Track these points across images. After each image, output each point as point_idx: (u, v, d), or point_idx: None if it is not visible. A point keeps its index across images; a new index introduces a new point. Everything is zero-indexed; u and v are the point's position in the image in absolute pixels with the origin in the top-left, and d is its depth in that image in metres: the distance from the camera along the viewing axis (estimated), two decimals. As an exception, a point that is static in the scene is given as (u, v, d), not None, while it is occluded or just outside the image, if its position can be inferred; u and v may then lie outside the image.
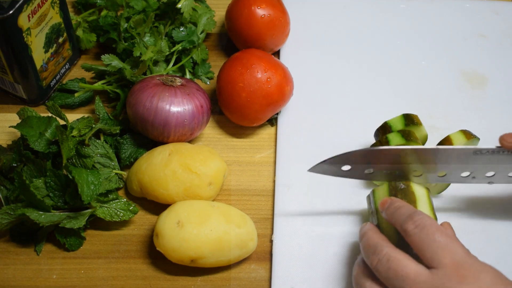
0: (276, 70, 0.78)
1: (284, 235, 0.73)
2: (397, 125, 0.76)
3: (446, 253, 0.57)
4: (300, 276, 0.70)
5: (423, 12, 0.94)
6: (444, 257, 0.57)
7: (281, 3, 0.85)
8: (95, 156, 0.74)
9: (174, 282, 0.71)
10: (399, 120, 0.77)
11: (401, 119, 0.76)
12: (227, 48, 0.91)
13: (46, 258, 0.72)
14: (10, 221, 0.69)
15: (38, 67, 0.79)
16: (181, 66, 0.86)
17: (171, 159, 0.72)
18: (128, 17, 0.84)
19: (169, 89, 0.75)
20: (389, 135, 0.74)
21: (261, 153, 0.81)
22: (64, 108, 0.83)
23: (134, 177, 0.74)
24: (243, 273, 0.71)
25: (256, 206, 0.76)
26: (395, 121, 0.77)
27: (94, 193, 0.70)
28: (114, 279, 0.71)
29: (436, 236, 0.58)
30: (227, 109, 0.80)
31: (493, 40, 0.92)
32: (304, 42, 0.90)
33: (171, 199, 0.72)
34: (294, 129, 0.82)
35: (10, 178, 0.73)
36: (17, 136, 0.80)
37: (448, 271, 0.56)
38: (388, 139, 0.74)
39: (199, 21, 0.86)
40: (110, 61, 0.79)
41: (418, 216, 0.60)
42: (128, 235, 0.74)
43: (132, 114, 0.76)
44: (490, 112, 0.84)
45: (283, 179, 0.77)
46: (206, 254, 0.68)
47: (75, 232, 0.72)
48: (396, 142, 0.73)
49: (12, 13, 0.71)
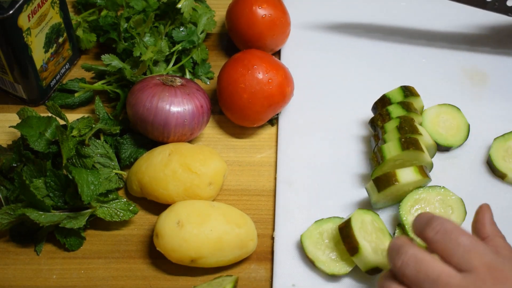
0: (277, 71, 0.78)
1: (285, 232, 0.73)
2: (396, 97, 0.77)
3: (474, 255, 0.55)
4: (301, 273, 0.70)
5: (424, 9, 0.94)
6: (473, 260, 0.55)
7: (281, 3, 0.85)
8: (95, 156, 0.74)
9: (174, 282, 0.71)
10: (398, 92, 0.78)
11: (400, 91, 0.78)
12: (228, 48, 0.91)
13: (46, 258, 0.72)
14: (10, 221, 0.69)
15: (38, 67, 0.79)
16: (181, 66, 0.86)
17: (171, 159, 0.72)
18: (128, 17, 0.84)
19: (169, 89, 0.75)
20: (389, 107, 0.76)
21: (261, 153, 0.81)
22: (64, 108, 0.83)
23: (134, 177, 0.74)
24: (243, 273, 0.71)
25: (256, 206, 0.76)
26: (394, 93, 0.78)
27: (94, 193, 0.70)
28: (114, 279, 0.71)
29: (460, 240, 0.56)
30: (228, 110, 0.80)
31: (493, 37, 0.92)
32: (304, 42, 0.90)
33: (171, 199, 0.72)
34: (295, 129, 0.82)
35: (10, 178, 0.73)
36: (17, 136, 0.80)
37: (481, 274, 0.54)
38: (389, 111, 0.75)
39: (199, 21, 0.86)
40: (110, 61, 0.79)
41: (437, 221, 0.58)
42: (128, 235, 0.74)
43: (132, 114, 0.76)
44: (491, 109, 0.84)
45: (285, 177, 0.77)
46: (206, 254, 0.68)
47: (75, 232, 0.72)
48: (397, 113, 0.74)
49: (12, 13, 0.71)
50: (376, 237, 0.68)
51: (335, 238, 0.70)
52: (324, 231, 0.71)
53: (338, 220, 0.72)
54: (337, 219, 0.72)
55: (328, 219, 0.72)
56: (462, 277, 0.55)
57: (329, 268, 0.69)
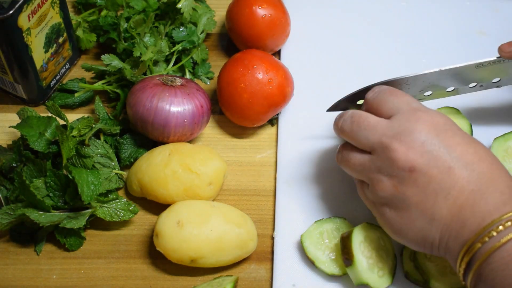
0: (277, 71, 0.78)
1: (285, 232, 0.73)
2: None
3: (402, 102, 0.65)
4: (301, 273, 0.70)
5: (423, 10, 0.94)
6: (401, 105, 0.64)
7: (281, 3, 0.85)
8: (95, 156, 0.74)
9: (174, 282, 0.71)
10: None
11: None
12: (228, 48, 0.91)
13: (46, 258, 0.72)
14: (10, 221, 0.69)
15: (38, 67, 0.79)
16: (181, 66, 0.86)
17: (171, 159, 0.72)
18: (128, 17, 0.84)
19: (169, 89, 0.75)
20: None
21: (261, 153, 0.81)
22: (64, 108, 0.83)
23: (134, 177, 0.74)
24: (243, 273, 0.71)
25: (256, 206, 0.76)
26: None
27: (94, 193, 0.70)
28: (114, 279, 0.71)
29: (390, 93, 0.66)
30: (228, 110, 0.80)
31: (493, 37, 0.91)
32: (304, 42, 0.90)
33: (171, 199, 0.72)
34: (295, 129, 0.82)
35: (10, 178, 0.73)
36: (17, 136, 0.80)
37: (406, 114, 0.63)
38: None
39: (199, 21, 0.86)
40: (110, 61, 0.79)
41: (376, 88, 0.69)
42: (128, 235, 0.74)
43: (132, 114, 0.76)
44: (490, 109, 0.84)
45: (284, 177, 0.77)
46: (206, 254, 0.68)
47: (75, 232, 0.72)
48: None
49: (12, 13, 0.71)
50: (376, 255, 0.68)
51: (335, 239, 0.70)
52: (324, 231, 0.71)
53: (338, 220, 0.72)
54: (337, 219, 0.72)
55: (328, 219, 0.72)
56: (389, 121, 0.64)
57: (329, 268, 0.69)
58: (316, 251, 0.70)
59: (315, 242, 0.70)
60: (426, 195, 0.60)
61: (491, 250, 0.56)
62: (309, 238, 0.71)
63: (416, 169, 0.60)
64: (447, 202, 0.59)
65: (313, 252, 0.70)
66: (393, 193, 0.62)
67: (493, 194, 0.59)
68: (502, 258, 0.56)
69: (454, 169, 0.60)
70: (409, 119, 0.62)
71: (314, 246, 0.70)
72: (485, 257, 0.56)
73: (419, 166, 0.60)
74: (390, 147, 0.61)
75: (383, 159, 0.62)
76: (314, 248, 0.70)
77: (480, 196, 0.59)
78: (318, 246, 0.70)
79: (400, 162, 0.61)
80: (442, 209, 0.60)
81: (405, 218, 0.62)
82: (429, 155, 0.60)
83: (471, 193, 0.59)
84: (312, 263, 0.70)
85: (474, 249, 0.57)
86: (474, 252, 0.57)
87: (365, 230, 0.68)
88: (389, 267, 0.68)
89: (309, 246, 0.70)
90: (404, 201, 0.61)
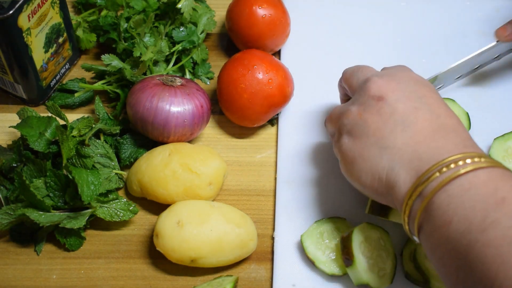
0: (277, 71, 0.78)
1: (285, 232, 0.73)
2: None
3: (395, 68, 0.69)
4: (301, 273, 0.70)
5: (424, 10, 0.94)
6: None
7: (281, 3, 0.85)
8: (95, 156, 0.74)
9: (174, 282, 0.71)
10: None
11: None
12: (228, 48, 0.91)
13: (46, 258, 0.72)
14: (10, 221, 0.69)
15: (38, 67, 0.79)
16: (181, 66, 0.86)
17: (171, 159, 0.72)
18: (128, 17, 0.84)
19: (169, 89, 0.75)
20: None
21: (262, 153, 0.81)
22: (64, 108, 0.83)
23: (134, 177, 0.74)
24: (243, 273, 0.71)
25: (256, 206, 0.76)
26: None
27: (94, 193, 0.70)
28: (114, 279, 0.71)
29: (358, 69, 0.71)
30: (228, 110, 0.80)
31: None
32: (304, 42, 0.90)
33: (171, 199, 0.72)
34: (295, 129, 0.82)
35: (10, 178, 0.73)
36: (17, 136, 0.80)
37: (397, 67, 0.69)
38: None
39: (199, 21, 0.86)
40: (110, 61, 0.79)
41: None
42: (128, 235, 0.74)
43: (132, 114, 0.76)
44: (490, 109, 0.84)
45: (284, 177, 0.78)
46: (206, 254, 0.68)
47: (75, 232, 0.72)
48: None
49: (12, 13, 0.71)
50: (377, 255, 0.68)
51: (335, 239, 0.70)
52: (324, 231, 0.71)
53: (338, 220, 0.72)
54: (337, 219, 0.72)
55: (328, 219, 0.72)
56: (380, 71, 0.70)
57: (329, 268, 0.69)
58: (316, 251, 0.70)
59: (315, 242, 0.70)
60: (385, 124, 0.62)
61: (449, 177, 0.54)
62: (309, 238, 0.71)
63: (383, 99, 0.63)
64: (404, 135, 0.60)
65: (313, 252, 0.70)
66: (355, 120, 0.64)
67: (454, 138, 0.59)
68: (461, 185, 0.54)
69: (420, 110, 0.61)
70: (398, 69, 0.68)
71: (314, 246, 0.70)
72: (442, 185, 0.54)
73: (388, 97, 0.63)
74: (371, 79, 0.65)
75: (360, 91, 0.66)
76: (314, 248, 0.70)
77: (440, 137, 0.59)
78: (318, 246, 0.70)
79: (371, 91, 0.64)
80: (397, 139, 0.60)
81: (360, 145, 0.63)
82: (401, 93, 0.63)
83: (430, 133, 0.59)
84: (312, 263, 0.70)
85: (430, 179, 0.55)
86: (431, 181, 0.55)
87: (365, 230, 0.68)
88: (389, 267, 0.68)
89: (309, 246, 0.70)
90: (364, 128, 0.63)
